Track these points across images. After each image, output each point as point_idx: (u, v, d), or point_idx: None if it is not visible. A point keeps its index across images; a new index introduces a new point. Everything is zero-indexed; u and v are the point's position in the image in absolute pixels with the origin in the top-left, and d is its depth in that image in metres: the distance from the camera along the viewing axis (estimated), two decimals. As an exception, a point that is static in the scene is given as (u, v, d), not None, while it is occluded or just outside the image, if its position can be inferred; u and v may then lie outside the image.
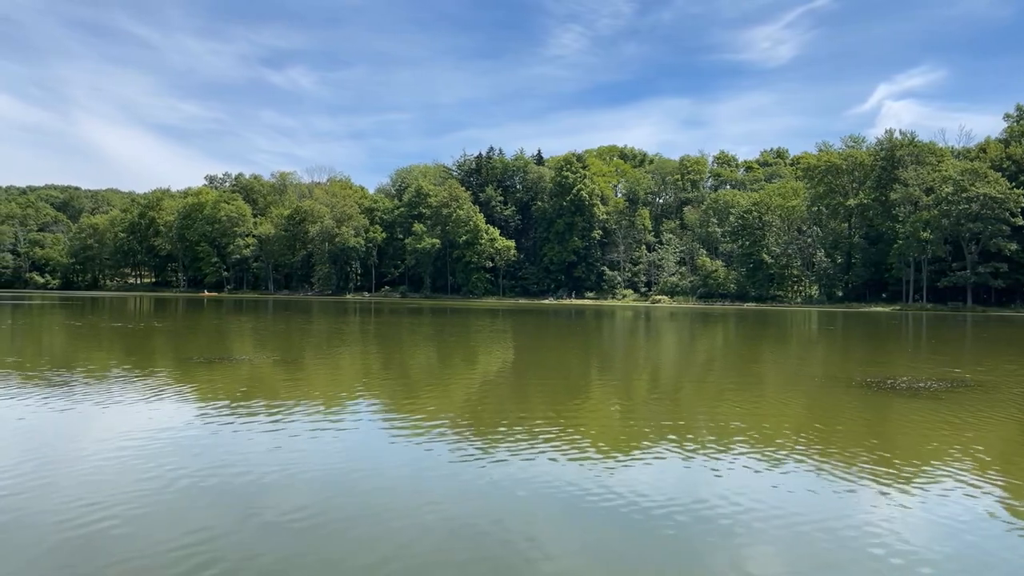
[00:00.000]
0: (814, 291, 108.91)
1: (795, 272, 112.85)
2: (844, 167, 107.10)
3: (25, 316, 46.72)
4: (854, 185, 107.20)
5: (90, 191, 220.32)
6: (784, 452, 10.03)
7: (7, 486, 7.76)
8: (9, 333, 32.19)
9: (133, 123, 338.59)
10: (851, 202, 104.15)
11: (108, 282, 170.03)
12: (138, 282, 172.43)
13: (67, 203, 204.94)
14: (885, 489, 8.22)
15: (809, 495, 8.05)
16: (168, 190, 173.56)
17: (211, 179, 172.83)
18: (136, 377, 16.80)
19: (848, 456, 9.81)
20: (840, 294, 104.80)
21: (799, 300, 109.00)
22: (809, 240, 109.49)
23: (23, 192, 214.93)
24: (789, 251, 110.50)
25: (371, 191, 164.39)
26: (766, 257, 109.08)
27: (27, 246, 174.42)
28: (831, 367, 23.36)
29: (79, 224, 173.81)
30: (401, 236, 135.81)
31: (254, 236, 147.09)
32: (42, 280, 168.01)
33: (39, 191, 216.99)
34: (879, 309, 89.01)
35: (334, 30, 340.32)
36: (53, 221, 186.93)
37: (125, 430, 10.67)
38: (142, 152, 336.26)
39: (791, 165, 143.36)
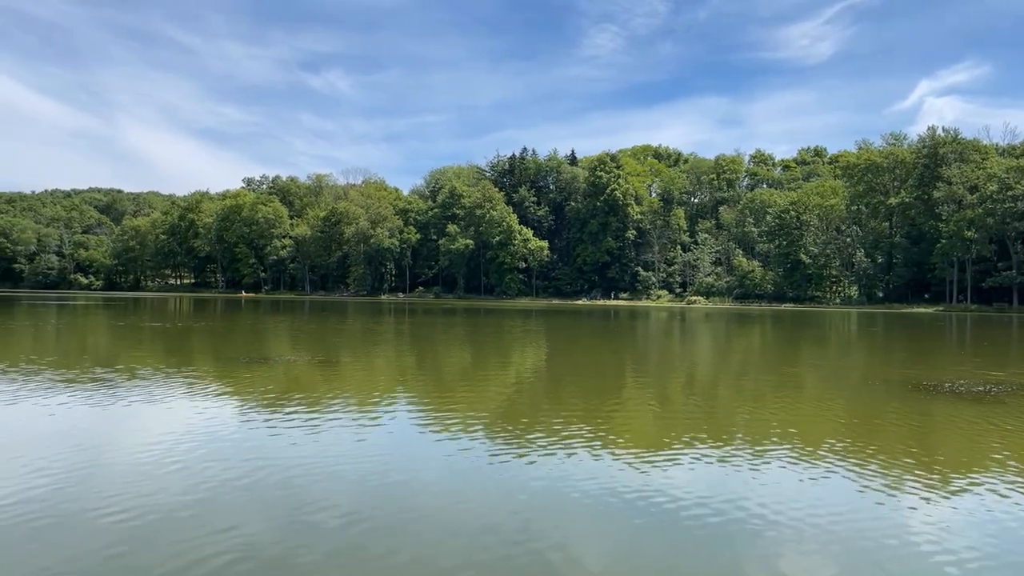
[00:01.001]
0: (853, 292, 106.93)
1: (834, 272, 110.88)
2: (885, 165, 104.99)
3: (70, 316, 47.85)
4: (895, 183, 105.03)
5: (132, 194, 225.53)
6: (823, 455, 9.78)
7: (52, 482, 7.89)
8: (55, 332, 32.97)
9: (174, 127, 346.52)
10: (892, 201, 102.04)
11: (149, 283, 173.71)
12: (178, 283, 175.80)
13: (110, 206, 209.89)
14: (928, 495, 7.95)
15: (848, 500, 7.82)
16: (207, 192, 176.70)
17: (249, 181, 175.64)
18: (176, 376, 17.05)
19: (890, 460, 9.53)
20: (880, 295, 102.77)
21: (838, 301, 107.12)
22: (848, 240, 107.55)
23: (68, 195, 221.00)
24: (827, 251, 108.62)
25: (405, 192, 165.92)
26: (804, 257, 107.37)
27: (72, 248, 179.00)
28: (873, 369, 22.85)
29: (121, 226, 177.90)
30: (435, 237, 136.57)
31: (291, 237, 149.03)
32: (86, 281, 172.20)
33: (83, 194, 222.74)
34: (922, 310, 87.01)
35: (370, 34, 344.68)
36: (97, 223, 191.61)
37: (166, 428, 10.82)
38: (183, 155, 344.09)
39: (829, 163, 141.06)
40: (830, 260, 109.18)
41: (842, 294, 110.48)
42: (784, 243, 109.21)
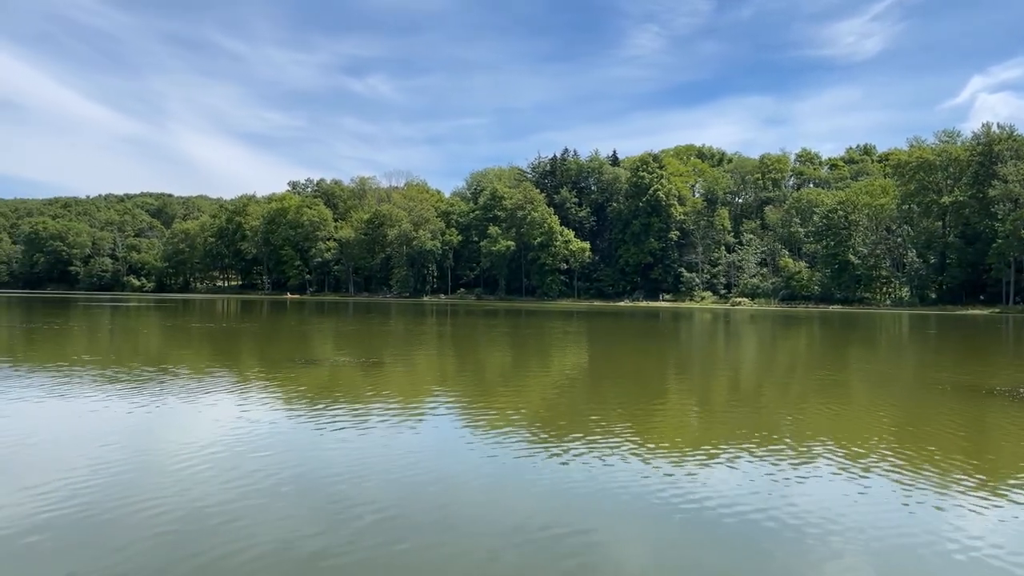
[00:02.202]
0: (904, 293, 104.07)
1: (884, 273, 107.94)
2: (937, 163, 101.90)
3: (123, 317, 49.15)
4: (948, 182, 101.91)
5: (182, 198, 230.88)
6: (871, 460, 9.48)
7: (102, 478, 8.10)
8: (109, 333, 33.88)
9: (222, 132, 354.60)
10: (945, 200, 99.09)
11: (198, 285, 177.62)
12: (226, 285, 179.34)
13: (161, 209, 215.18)
14: (977, 505, 7.63)
15: (893, 507, 7.57)
16: (254, 196, 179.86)
17: (294, 185, 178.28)
18: (223, 376, 17.38)
19: (942, 467, 9.18)
20: (933, 296, 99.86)
21: (888, 302, 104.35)
22: (899, 240, 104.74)
23: (121, 199, 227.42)
24: (877, 251, 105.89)
25: (447, 194, 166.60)
26: (852, 258, 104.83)
27: (125, 251, 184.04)
28: (925, 372, 22.15)
29: (172, 229, 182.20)
30: (476, 239, 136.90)
31: (335, 240, 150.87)
32: (138, 283, 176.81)
33: (135, 198, 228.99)
34: (977, 312, 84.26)
35: (412, 38, 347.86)
36: (148, 227, 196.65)
37: (211, 427, 11.05)
38: (230, 159, 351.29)
39: (879, 162, 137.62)
40: (880, 261, 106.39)
41: (893, 295, 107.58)
42: (832, 243, 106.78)
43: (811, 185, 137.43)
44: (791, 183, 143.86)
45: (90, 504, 7.17)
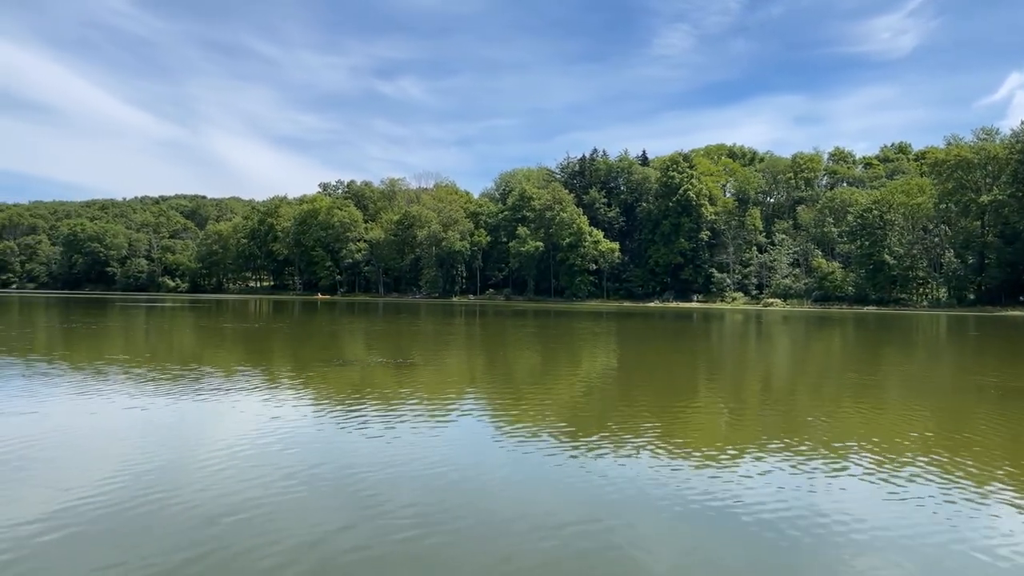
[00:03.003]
0: (942, 294, 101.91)
1: (920, 274, 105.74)
2: (976, 161, 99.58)
3: (158, 317, 49.92)
4: (987, 180, 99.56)
5: (215, 199, 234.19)
6: (907, 464, 9.24)
7: (137, 476, 8.19)
8: (144, 333, 34.40)
9: (255, 135, 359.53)
10: (984, 198, 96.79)
11: (231, 285, 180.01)
12: (258, 285, 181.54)
13: (195, 211, 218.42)
14: (1018, 512, 7.35)
15: (933, 512, 7.36)
16: (285, 197, 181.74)
17: (325, 186, 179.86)
18: (255, 376, 17.53)
19: (980, 473, 8.89)
20: (971, 297, 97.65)
21: (925, 303, 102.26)
22: (936, 240, 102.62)
23: (156, 201, 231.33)
24: (914, 251, 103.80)
25: (476, 195, 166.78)
26: (888, 258, 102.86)
27: (160, 252, 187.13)
28: (964, 374, 21.60)
29: (205, 231, 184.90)
30: (505, 239, 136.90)
31: (365, 241, 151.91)
32: (172, 284, 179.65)
33: (170, 200, 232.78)
34: (1017, 313, 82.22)
35: (442, 40, 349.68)
36: (183, 228, 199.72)
37: (244, 426, 11.15)
38: (263, 162, 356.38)
39: (915, 160, 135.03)
40: (916, 261, 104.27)
41: (930, 296, 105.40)
42: (867, 243, 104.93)
43: (845, 184, 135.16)
44: (824, 182, 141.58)
45: (126, 498, 7.29)
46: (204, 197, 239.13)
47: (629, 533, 6.61)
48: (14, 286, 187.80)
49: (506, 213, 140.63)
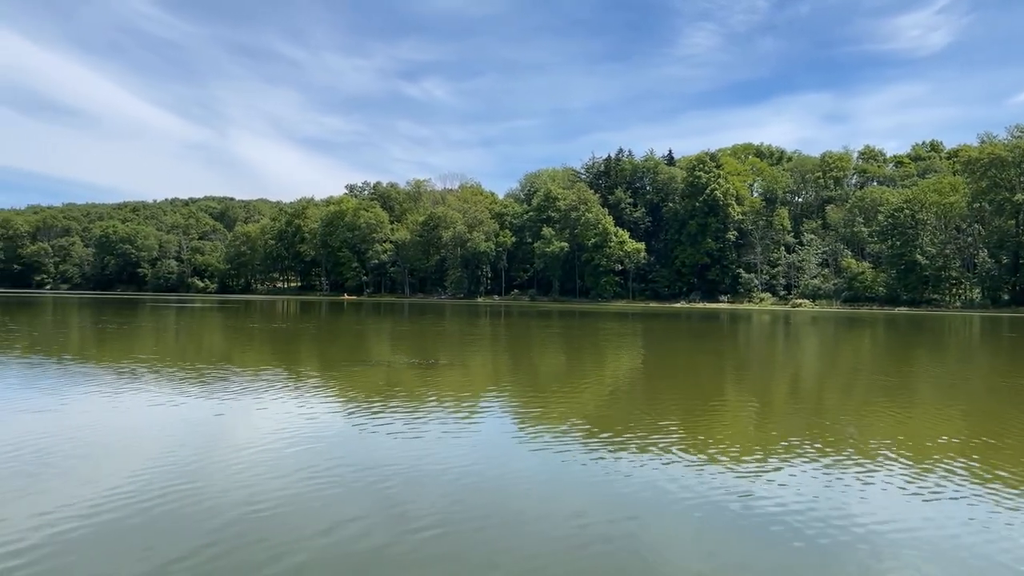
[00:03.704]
0: (975, 295, 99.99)
1: (953, 274, 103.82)
2: (1011, 159, 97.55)
3: (188, 317, 50.54)
4: (1022, 179, 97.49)
5: (243, 201, 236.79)
6: (939, 468, 8.99)
7: (165, 474, 8.24)
8: (174, 333, 34.82)
9: (282, 137, 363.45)
10: (1019, 197, 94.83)
11: (259, 286, 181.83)
12: (285, 286, 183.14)
13: (223, 213, 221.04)
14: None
15: (961, 516, 7.14)
16: (312, 199, 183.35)
17: (351, 188, 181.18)
18: (282, 376, 17.62)
19: (1014, 477, 8.61)
20: (1006, 298, 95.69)
21: (958, 304, 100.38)
22: (970, 239, 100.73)
23: (186, 203, 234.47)
24: (946, 251, 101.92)
25: (500, 196, 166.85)
26: (920, 258, 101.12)
27: (189, 253, 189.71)
28: (998, 377, 21.08)
29: (234, 232, 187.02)
30: (530, 240, 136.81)
31: (391, 242, 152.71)
32: (201, 284, 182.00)
33: (199, 202, 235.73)
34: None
35: (466, 41, 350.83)
36: (211, 230, 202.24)
37: (269, 426, 11.15)
38: (289, 164, 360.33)
39: (947, 159, 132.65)
40: (949, 261, 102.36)
41: (963, 297, 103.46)
42: (898, 243, 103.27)
43: (875, 183, 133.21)
44: (854, 181, 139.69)
45: (152, 495, 7.34)
46: (232, 199, 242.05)
47: (655, 536, 6.51)
48: (48, 287, 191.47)
49: (531, 214, 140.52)
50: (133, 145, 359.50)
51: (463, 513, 7.00)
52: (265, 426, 11.05)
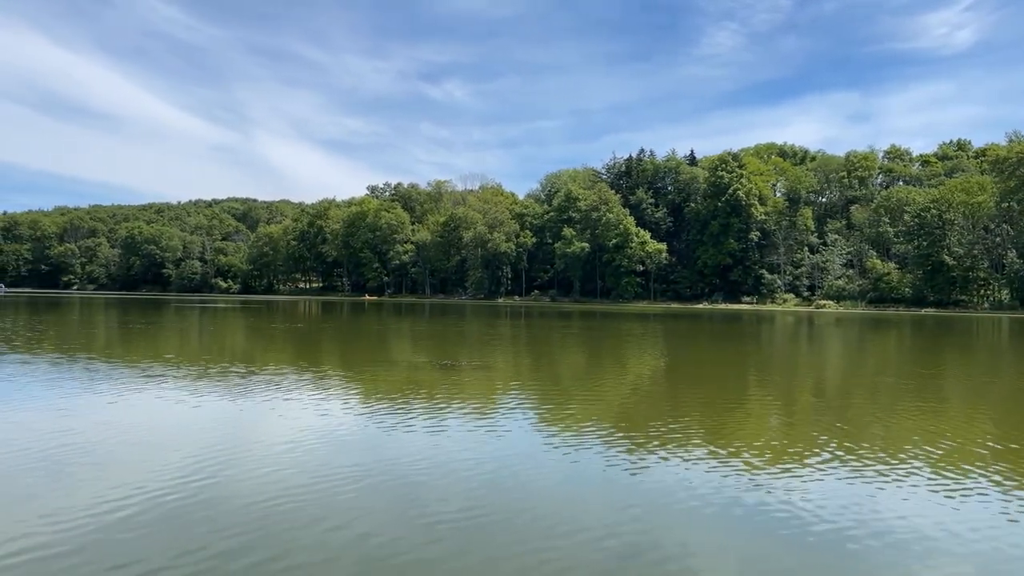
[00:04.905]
0: (1004, 295, 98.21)
1: (981, 275, 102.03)
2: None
3: (211, 317, 50.97)
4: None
5: (265, 202, 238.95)
6: (969, 472, 8.80)
7: (189, 473, 8.27)
8: (198, 333, 35.09)
9: (304, 139, 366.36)
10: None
11: (281, 286, 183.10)
12: (307, 287, 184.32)
13: (246, 214, 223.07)
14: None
15: (992, 521, 6.97)
16: (334, 200, 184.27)
17: (372, 189, 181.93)
18: (305, 376, 17.67)
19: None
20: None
21: (986, 305, 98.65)
22: (998, 239, 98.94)
23: (209, 205, 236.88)
24: (974, 252, 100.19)
25: (521, 197, 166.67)
26: (947, 259, 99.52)
27: (213, 254, 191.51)
28: (1035, 379, 20.58)
29: (256, 233, 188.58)
30: (550, 240, 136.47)
31: (412, 243, 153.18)
32: (225, 285, 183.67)
33: (222, 203, 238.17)
34: (1086, 316, 78.75)
35: (488, 42, 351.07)
36: (234, 231, 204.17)
37: (292, 426, 11.18)
38: (311, 165, 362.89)
39: (975, 158, 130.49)
40: (977, 261, 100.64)
41: (991, 298, 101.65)
42: (924, 243, 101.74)
43: (901, 183, 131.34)
44: (879, 181, 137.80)
45: (177, 493, 7.39)
46: (255, 200, 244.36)
47: (681, 541, 6.42)
48: (75, 287, 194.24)
49: (552, 214, 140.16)
50: (158, 147, 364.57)
51: (486, 515, 6.95)
52: (286, 427, 11.07)
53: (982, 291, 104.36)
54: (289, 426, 11.04)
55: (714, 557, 6.06)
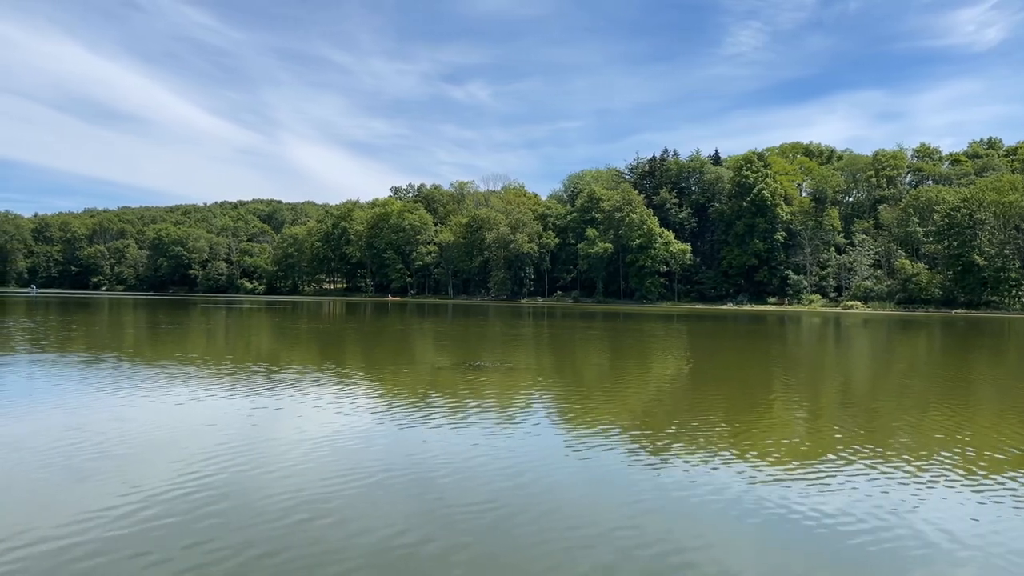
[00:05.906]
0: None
1: (1013, 275, 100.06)
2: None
3: (237, 318, 51.49)
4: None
5: (290, 204, 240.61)
6: (996, 474, 8.65)
7: (214, 472, 8.36)
8: (224, 333, 35.45)
9: (328, 141, 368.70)
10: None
11: (305, 287, 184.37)
12: (331, 287, 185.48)
13: (271, 215, 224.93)
14: None
15: (1021, 525, 6.77)
16: (358, 201, 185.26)
17: (396, 190, 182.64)
18: (328, 376, 17.79)
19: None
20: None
21: (1018, 307, 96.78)
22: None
23: (235, 206, 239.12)
24: (1006, 252, 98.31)
25: (544, 198, 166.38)
26: (978, 259, 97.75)
27: (239, 255, 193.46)
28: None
29: (281, 234, 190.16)
30: (573, 241, 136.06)
31: (435, 243, 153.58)
32: (250, 285, 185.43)
33: (248, 205, 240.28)
34: (1122, 317, 76.97)
35: (510, 44, 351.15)
36: (260, 232, 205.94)
37: (314, 425, 11.28)
38: (336, 167, 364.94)
39: (1006, 156, 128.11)
40: (1009, 262, 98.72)
41: (1023, 299, 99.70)
42: (955, 244, 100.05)
43: (930, 182, 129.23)
44: (908, 180, 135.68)
45: (202, 491, 7.45)
46: (280, 201, 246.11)
47: (704, 545, 6.35)
48: (104, 288, 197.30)
49: (575, 215, 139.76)
50: (186, 150, 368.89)
51: (507, 516, 6.94)
52: (310, 426, 11.15)
53: (1014, 292, 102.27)
54: (313, 427, 11.11)
55: (734, 559, 6.01)
